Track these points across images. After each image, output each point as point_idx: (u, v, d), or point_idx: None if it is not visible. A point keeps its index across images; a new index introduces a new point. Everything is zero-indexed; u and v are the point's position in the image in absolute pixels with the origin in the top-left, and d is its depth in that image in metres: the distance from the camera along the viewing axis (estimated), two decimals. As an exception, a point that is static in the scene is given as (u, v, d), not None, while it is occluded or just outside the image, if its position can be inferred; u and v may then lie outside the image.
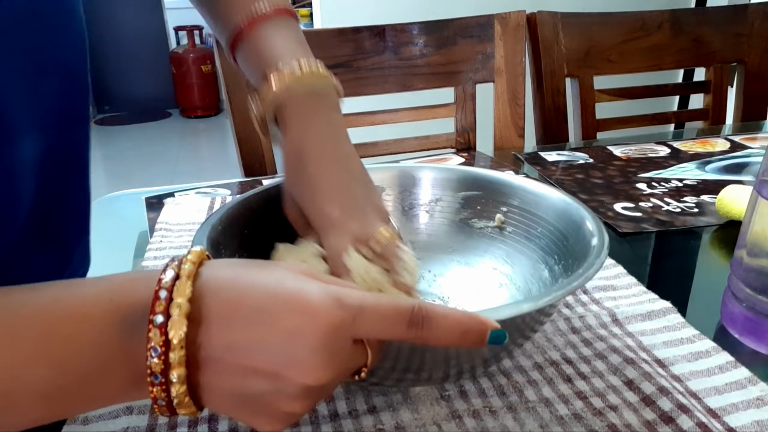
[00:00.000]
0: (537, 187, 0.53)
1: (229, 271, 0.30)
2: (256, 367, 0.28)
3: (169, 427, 0.40)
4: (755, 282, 0.47)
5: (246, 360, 0.28)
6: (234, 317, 0.28)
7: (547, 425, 0.40)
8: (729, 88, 1.17)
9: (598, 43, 1.09)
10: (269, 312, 0.28)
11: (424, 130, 1.03)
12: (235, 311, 0.29)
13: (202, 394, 0.29)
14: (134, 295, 0.29)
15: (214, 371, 0.29)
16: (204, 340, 0.28)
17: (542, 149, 0.95)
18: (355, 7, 2.00)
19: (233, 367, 0.28)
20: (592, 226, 0.45)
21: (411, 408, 0.41)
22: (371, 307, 0.29)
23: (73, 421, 0.41)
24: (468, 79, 1.02)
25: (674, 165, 0.86)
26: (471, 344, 0.31)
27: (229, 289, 0.29)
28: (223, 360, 0.28)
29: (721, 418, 0.40)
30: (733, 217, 0.67)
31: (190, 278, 0.29)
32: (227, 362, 0.28)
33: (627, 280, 0.56)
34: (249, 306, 0.29)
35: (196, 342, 0.28)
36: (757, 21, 1.13)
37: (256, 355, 0.28)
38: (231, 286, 0.29)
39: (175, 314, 0.28)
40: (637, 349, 0.47)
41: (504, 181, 0.55)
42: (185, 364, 0.28)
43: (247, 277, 0.30)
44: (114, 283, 0.30)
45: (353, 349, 0.30)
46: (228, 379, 0.29)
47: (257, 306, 0.29)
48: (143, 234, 0.69)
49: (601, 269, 0.41)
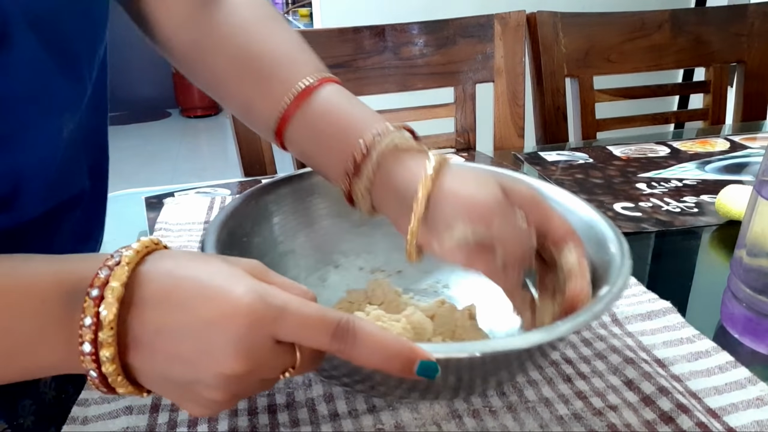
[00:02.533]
0: (568, 200, 0.50)
1: (170, 262, 0.32)
2: (180, 354, 0.30)
3: (169, 427, 0.40)
4: (755, 282, 0.47)
5: (171, 346, 0.30)
6: (165, 304, 0.30)
7: (547, 425, 0.40)
8: (729, 88, 1.17)
9: (598, 43, 1.09)
10: (195, 301, 0.30)
11: (424, 130, 1.02)
12: (167, 299, 0.30)
13: (138, 375, 0.31)
14: (80, 273, 0.31)
15: (144, 354, 0.30)
16: (135, 323, 0.30)
17: (542, 149, 0.95)
18: (355, 7, 2.00)
19: (161, 352, 0.30)
20: (615, 249, 0.43)
21: (411, 408, 0.41)
22: (294, 310, 0.30)
23: (73, 421, 0.41)
24: (468, 79, 1.02)
25: (674, 165, 0.86)
26: (397, 372, 0.31)
27: (165, 278, 0.31)
28: (152, 344, 0.30)
29: (720, 417, 0.40)
30: (732, 217, 0.67)
31: (129, 264, 0.30)
32: (156, 347, 0.30)
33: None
34: (179, 295, 0.30)
35: (126, 323, 0.30)
36: (756, 21, 1.13)
37: (180, 342, 0.30)
38: (167, 275, 0.31)
39: (108, 296, 0.29)
40: (637, 349, 0.47)
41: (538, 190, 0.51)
42: (116, 344, 0.29)
43: (186, 269, 0.31)
44: (65, 261, 0.32)
45: (276, 347, 0.31)
46: (157, 363, 0.30)
47: (186, 296, 0.30)
48: (143, 234, 0.69)
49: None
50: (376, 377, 0.37)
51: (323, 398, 0.42)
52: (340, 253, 0.54)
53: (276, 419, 0.41)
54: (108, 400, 0.43)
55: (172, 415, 0.41)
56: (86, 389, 0.43)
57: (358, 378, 0.37)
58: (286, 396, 0.43)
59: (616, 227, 0.45)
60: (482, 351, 0.34)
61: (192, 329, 0.30)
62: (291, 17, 2.54)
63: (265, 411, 0.41)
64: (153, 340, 0.30)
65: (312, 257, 0.53)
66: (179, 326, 0.30)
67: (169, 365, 0.30)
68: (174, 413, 0.41)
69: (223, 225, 0.44)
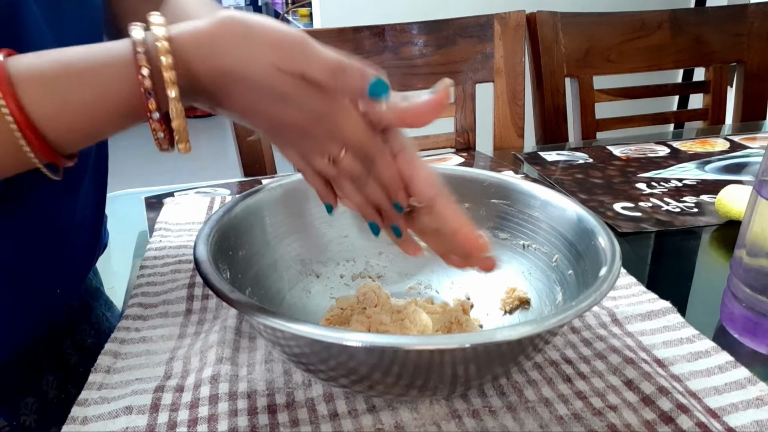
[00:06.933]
0: (559, 200, 0.51)
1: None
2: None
3: (169, 427, 0.40)
4: (755, 282, 0.47)
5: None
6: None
7: (547, 425, 0.40)
8: (728, 88, 1.17)
9: (598, 43, 1.09)
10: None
11: (424, 129, 1.02)
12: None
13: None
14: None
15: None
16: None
17: (542, 149, 0.95)
18: (355, 7, 2.00)
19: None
20: (605, 246, 0.43)
21: (411, 407, 0.41)
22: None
23: (72, 421, 0.41)
24: (468, 79, 1.02)
25: (674, 165, 0.86)
26: (350, 88, 0.37)
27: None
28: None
29: (720, 417, 0.40)
30: (732, 217, 0.67)
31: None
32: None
33: (627, 279, 0.56)
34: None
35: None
36: (756, 21, 1.13)
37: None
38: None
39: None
40: (637, 349, 0.47)
41: (530, 193, 0.52)
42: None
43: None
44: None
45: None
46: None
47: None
48: (143, 234, 0.69)
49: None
50: (375, 376, 0.37)
51: (323, 398, 0.42)
52: (320, 263, 0.55)
53: (276, 419, 0.41)
54: (108, 400, 0.43)
55: (172, 415, 0.41)
56: (86, 389, 0.43)
57: (356, 378, 0.37)
58: (285, 396, 0.43)
59: (602, 221, 0.46)
60: (473, 341, 0.34)
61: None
62: (291, 17, 2.54)
63: (265, 411, 0.41)
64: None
65: (293, 269, 0.53)
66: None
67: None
68: (174, 413, 0.41)
69: (210, 238, 0.44)
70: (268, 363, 0.46)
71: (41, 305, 0.51)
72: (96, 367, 0.45)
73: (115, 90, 0.36)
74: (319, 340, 0.34)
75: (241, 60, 0.36)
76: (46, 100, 0.35)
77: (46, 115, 0.35)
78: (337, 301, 0.51)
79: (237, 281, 0.45)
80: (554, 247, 0.49)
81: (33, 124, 0.35)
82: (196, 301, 0.54)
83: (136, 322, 0.51)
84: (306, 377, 0.44)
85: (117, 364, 0.46)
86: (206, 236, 0.44)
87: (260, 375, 0.45)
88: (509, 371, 0.43)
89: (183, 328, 0.51)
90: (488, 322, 0.51)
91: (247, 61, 0.36)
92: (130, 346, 0.48)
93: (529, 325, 0.35)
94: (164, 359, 0.47)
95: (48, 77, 0.35)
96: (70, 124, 0.36)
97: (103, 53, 0.36)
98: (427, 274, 0.56)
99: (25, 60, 0.36)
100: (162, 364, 0.46)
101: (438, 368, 0.37)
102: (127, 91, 0.36)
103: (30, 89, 0.35)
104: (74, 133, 0.37)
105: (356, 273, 0.56)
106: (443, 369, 0.37)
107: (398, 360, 0.35)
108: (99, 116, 0.37)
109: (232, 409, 0.41)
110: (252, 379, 0.44)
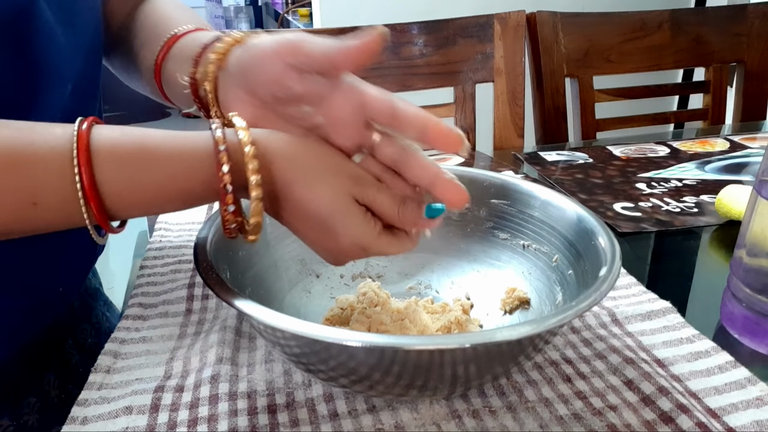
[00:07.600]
0: (559, 200, 0.51)
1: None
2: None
3: (169, 427, 0.40)
4: (755, 282, 0.47)
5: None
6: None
7: (547, 425, 0.40)
8: (728, 88, 1.17)
9: (598, 43, 1.09)
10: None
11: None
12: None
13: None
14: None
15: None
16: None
17: (542, 149, 0.95)
18: (355, 7, 2.00)
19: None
20: (605, 246, 0.44)
21: (411, 407, 0.41)
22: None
23: (72, 421, 0.41)
24: (467, 79, 1.02)
25: (674, 165, 0.86)
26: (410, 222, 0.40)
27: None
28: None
29: (720, 417, 0.40)
30: (732, 217, 0.67)
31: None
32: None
33: (626, 279, 0.56)
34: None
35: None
36: (756, 21, 1.13)
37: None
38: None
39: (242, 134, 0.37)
40: (637, 349, 0.47)
41: (531, 193, 0.53)
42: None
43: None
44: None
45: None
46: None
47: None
48: (143, 234, 0.69)
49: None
50: (375, 376, 0.37)
51: (323, 398, 0.42)
52: (320, 263, 0.54)
53: (276, 419, 0.41)
54: (108, 400, 0.43)
55: (172, 415, 0.41)
56: (86, 389, 0.43)
57: (356, 378, 0.37)
58: (285, 396, 0.43)
59: (602, 221, 0.46)
60: (473, 341, 0.34)
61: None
62: (291, 17, 2.54)
63: (265, 411, 0.41)
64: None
65: (293, 269, 0.53)
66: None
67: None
68: (174, 413, 0.41)
69: (210, 238, 0.44)
70: (268, 363, 0.46)
71: (42, 305, 0.51)
72: (96, 367, 0.45)
73: (190, 179, 0.37)
74: (319, 340, 0.34)
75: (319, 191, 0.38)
76: (119, 178, 0.36)
77: (115, 192, 0.36)
78: (337, 301, 0.51)
79: (237, 281, 0.45)
80: (554, 247, 0.49)
81: (100, 197, 0.35)
82: (196, 301, 0.54)
83: (136, 322, 0.51)
84: (306, 377, 0.44)
85: (117, 364, 0.46)
86: (206, 236, 0.44)
87: (260, 375, 0.45)
88: (509, 371, 0.43)
89: (183, 328, 0.51)
90: (488, 322, 0.51)
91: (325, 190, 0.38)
92: (130, 346, 0.48)
93: (529, 325, 0.35)
94: (164, 359, 0.47)
95: (127, 158, 0.36)
96: (135, 202, 0.37)
97: (187, 143, 0.37)
98: (427, 274, 0.56)
99: (107, 133, 0.36)
100: (162, 364, 0.46)
101: (438, 368, 0.37)
102: (200, 182, 0.37)
103: (106, 165, 0.35)
104: (136, 210, 0.38)
105: (356, 273, 0.56)
106: (443, 369, 0.37)
107: (398, 360, 0.35)
108: (165, 199, 0.37)
109: (232, 409, 0.41)
110: (252, 379, 0.44)
